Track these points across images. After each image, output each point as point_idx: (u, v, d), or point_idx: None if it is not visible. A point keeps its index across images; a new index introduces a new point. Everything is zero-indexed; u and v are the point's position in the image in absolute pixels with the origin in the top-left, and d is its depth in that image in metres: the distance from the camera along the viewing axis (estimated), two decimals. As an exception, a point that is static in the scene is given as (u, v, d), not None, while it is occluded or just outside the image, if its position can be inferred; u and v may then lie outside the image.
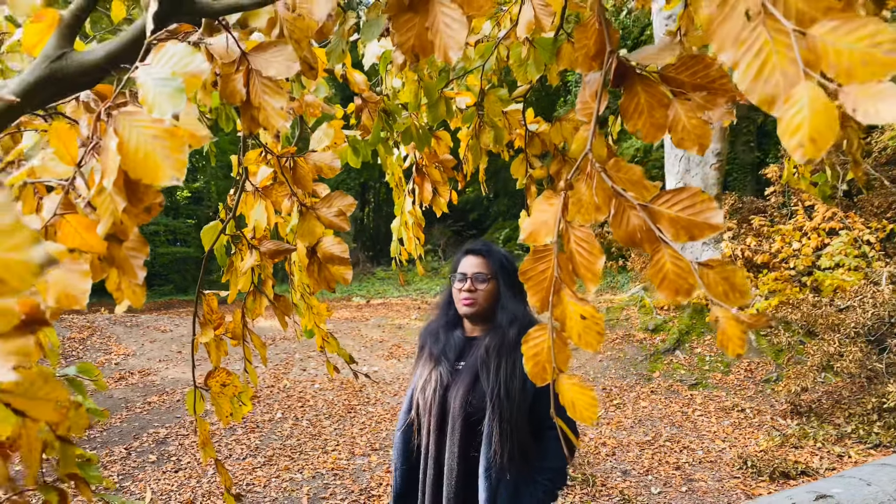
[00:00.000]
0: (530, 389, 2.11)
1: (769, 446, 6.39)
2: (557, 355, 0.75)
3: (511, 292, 2.25)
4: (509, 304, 2.24)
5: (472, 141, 1.73)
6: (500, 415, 2.07)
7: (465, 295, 2.25)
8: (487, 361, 2.15)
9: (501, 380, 2.10)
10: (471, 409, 2.14)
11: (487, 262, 2.25)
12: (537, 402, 2.13)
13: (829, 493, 2.02)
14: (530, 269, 0.76)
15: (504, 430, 2.06)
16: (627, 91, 0.72)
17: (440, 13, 0.69)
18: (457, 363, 2.27)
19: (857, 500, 1.97)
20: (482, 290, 2.25)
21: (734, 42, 0.49)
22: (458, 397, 2.17)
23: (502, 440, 2.06)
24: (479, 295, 2.25)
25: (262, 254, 1.23)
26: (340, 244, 1.11)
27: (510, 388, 2.09)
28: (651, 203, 0.68)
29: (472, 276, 2.25)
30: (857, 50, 0.43)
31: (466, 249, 2.33)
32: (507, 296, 2.25)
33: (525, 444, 2.10)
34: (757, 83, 0.46)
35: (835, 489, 2.05)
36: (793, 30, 0.45)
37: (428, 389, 2.26)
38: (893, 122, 2.47)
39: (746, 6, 0.49)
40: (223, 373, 1.41)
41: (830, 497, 2.00)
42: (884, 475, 2.11)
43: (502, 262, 2.27)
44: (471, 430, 2.15)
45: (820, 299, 7.83)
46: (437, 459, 2.21)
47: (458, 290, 2.28)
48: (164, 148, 0.54)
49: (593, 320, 0.72)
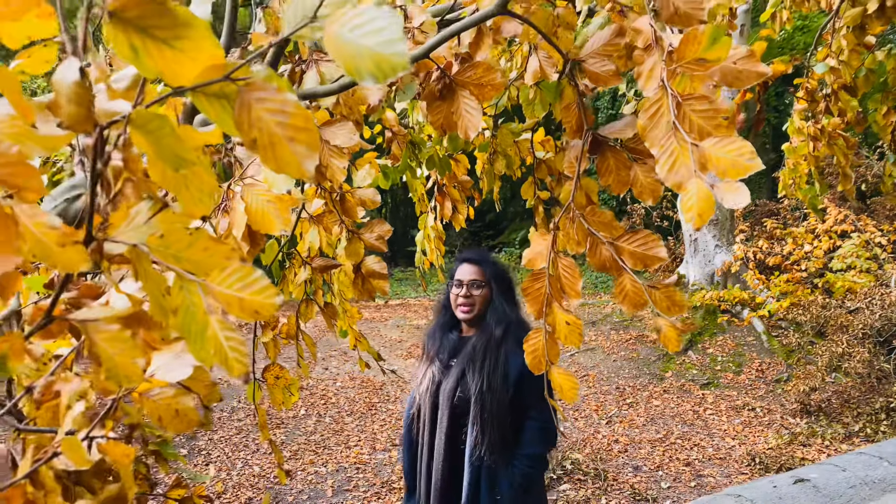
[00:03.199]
0: (512, 383, 2.39)
1: (778, 444, 6.57)
2: (549, 351, 1.00)
3: (503, 297, 2.53)
4: (500, 307, 2.51)
5: (487, 166, 1.99)
6: (483, 406, 2.36)
7: (462, 301, 2.51)
8: (474, 358, 2.44)
9: (485, 375, 2.38)
10: (457, 402, 2.43)
11: (482, 270, 2.53)
12: (518, 395, 2.41)
13: (807, 478, 2.26)
14: (529, 287, 1.01)
15: (486, 420, 2.36)
16: (600, 156, 0.98)
17: (462, 103, 0.94)
18: (450, 361, 2.55)
19: (832, 483, 2.20)
20: (477, 295, 2.51)
21: (658, 143, 0.74)
22: (446, 391, 2.46)
23: (484, 429, 2.35)
24: (475, 300, 2.51)
25: (313, 269, 1.49)
26: (380, 262, 1.38)
27: (493, 383, 2.37)
28: (616, 240, 0.93)
29: (468, 283, 2.51)
30: (728, 158, 0.68)
31: (462, 258, 2.60)
32: (500, 300, 2.52)
33: (505, 433, 2.38)
34: (670, 174, 0.71)
35: (812, 474, 2.28)
36: (691, 143, 0.70)
37: (423, 386, 2.57)
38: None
39: (666, 119, 0.74)
40: (277, 367, 1.67)
41: (808, 481, 2.23)
42: (858, 462, 2.34)
43: (495, 269, 2.55)
44: (457, 420, 2.44)
45: (829, 301, 7.98)
46: (429, 446, 2.52)
47: (455, 295, 2.54)
48: (276, 210, 0.80)
49: (575, 325, 0.98)
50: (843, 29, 2.59)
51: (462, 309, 2.52)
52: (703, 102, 0.72)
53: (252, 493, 5.71)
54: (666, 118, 0.74)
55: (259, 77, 0.45)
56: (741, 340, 9.22)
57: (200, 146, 0.47)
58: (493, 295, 2.52)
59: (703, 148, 0.69)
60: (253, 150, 0.46)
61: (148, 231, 0.53)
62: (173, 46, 0.44)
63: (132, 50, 0.45)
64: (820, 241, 9.47)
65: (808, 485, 2.18)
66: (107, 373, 0.57)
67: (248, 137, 0.46)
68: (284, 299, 1.69)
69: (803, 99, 2.71)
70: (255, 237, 0.84)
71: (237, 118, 0.45)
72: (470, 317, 2.52)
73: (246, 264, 0.51)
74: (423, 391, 2.56)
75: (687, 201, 0.68)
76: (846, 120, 2.83)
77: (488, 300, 2.53)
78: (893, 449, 2.37)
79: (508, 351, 2.41)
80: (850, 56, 2.59)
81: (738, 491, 2.22)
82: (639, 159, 0.95)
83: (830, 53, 2.58)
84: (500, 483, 2.37)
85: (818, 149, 2.78)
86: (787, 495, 2.13)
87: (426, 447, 2.54)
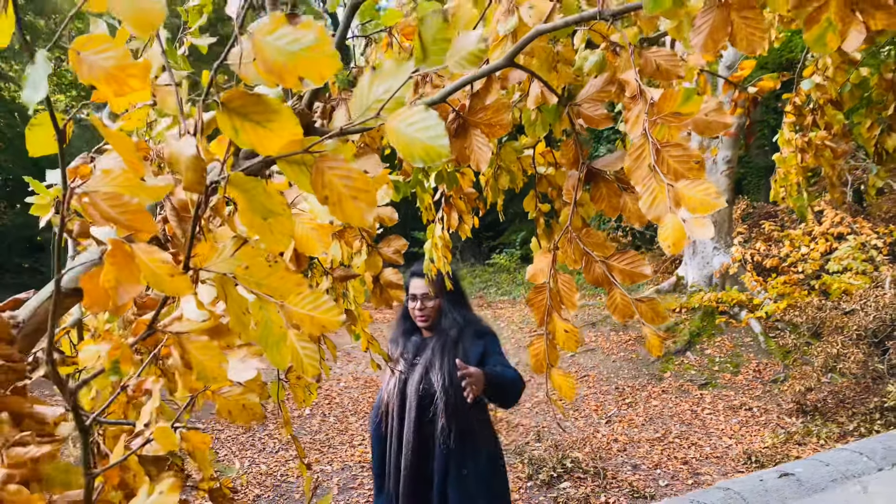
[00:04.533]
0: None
1: (774, 443, 6.71)
2: (550, 354, 1.15)
3: (454, 302, 2.88)
4: (451, 312, 2.86)
5: (491, 181, 2.13)
6: (448, 399, 2.67)
7: (418, 313, 2.87)
8: (433, 359, 2.77)
9: (446, 371, 2.71)
10: (422, 394, 2.74)
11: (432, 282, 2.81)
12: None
13: (792, 472, 2.40)
14: (533, 298, 1.16)
15: (451, 411, 2.66)
16: (594, 185, 1.12)
17: (475, 140, 1.09)
18: (414, 359, 2.87)
19: (816, 477, 2.35)
20: (430, 306, 2.87)
21: (641, 182, 0.89)
22: (412, 385, 2.77)
23: (450, 419, 2.66)
24: (429, 310, 2.86)
25: (334, 278, 1.64)
26: (397, 274, 1.53)
27: (454, 378, 2.66)
28: (608, 259, 1.07)
29: (422, 296, 2.86)
30: (698, 197, 0.82)
31: (414, 272, 2.93)
32: (450, 305, 2.87)
33: (469, 421, 2.71)
34: (650, 209, 0.86)
35: (797, 469, 2.43)
36: (667, 183, 0.84)
37: (391, 383, 2.87)
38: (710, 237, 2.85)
39: (648, 162, 0.88)
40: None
41: (792, 475, 2.38)
42: (840, 458, 2.49)
43: (443, 279, 2.80)
44: (423, 411, 2.73)
45: (825, 303, 8.12)
46: (398, 436, 2.78)
47: (411, 308, 2.89)
48: (318, 236, 0.94)
49: (573, 332, 1.12)
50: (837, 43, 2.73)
51: (419, 319, 2.88)
52: (679, 149, 0.86)
53: (260, 490, 5.85)
54: (647, 161, 0.88)
55: (330, 149, 0.59)
56: (739, 341, 9.36)
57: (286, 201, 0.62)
58: (445, 302, 2.87)
59: (678, 188, 0.84)
60: (324, 204, 0.60)
61: (235, 263, 0.68)
62: (265, 126, 0.59)
63: (233, 130, 0.59)
64: (817, 243, 9.61)
65: (792, 478, 2.33)
66: (198, 374, 0.71)
67: (320, 195, 0.60)
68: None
69: (791, 113, 2.85)
70: (301, 258, 0.98)
71: (313, 180, 0.59)
72: (427, 324, 2.88)
73: (315, 290, 0.65)
74: (391, 388, 2.85)
75: (664, 232, 0.83)
76: (833, 132, 2.98)
77: (441, 307, 2.87)
78: (874, 445, 2.51)
79: (467, 346, 2.76)
80: (836, 73, 2.73)
81: (727, 485, 2.37)
82: (628, 188, 1.10)
83: (816, 70, 2.72)
84: (467, 464, 2.65)
85: (805, 160, 2.92)
86: (772, 488, 2.27)
87: (395, 439, 2.79)
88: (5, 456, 0.78)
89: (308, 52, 0.52)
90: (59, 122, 0.65)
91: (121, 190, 0.65)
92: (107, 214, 0.64)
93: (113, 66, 0.60)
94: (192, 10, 1.91)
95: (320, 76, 0.53)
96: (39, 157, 0.73)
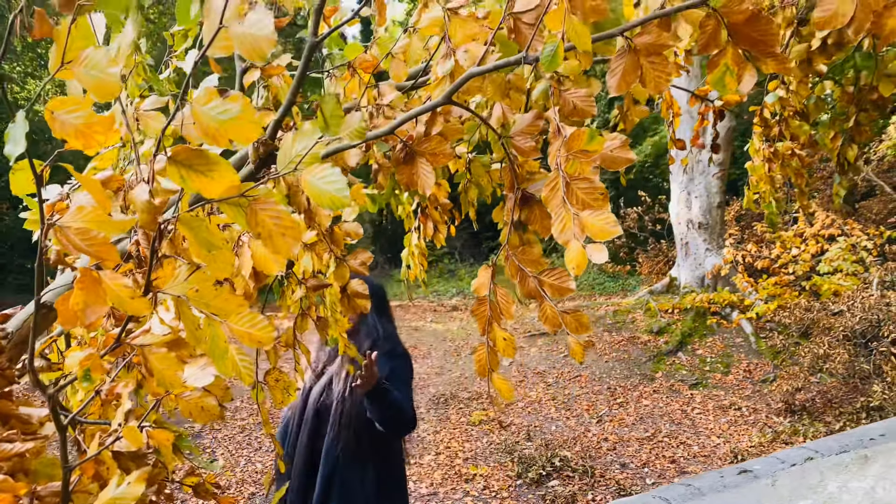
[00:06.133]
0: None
1: (761, 442, 6.83)
2: (490, 360, 1.26)
3: (375, 313, 2.81)
4: (371, 322, 2.83)
5: (462, 195, 2.26)
6: (342, 410, 2.68)
7: None
8: (339, 370, 2.77)
9: (348, 382, 2.69)
10: (320, 406, 2.76)
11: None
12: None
13: (750, 469, 2.52)
14: (476, 309, 1.28)
15: (343, 423, 2.68)
16: (528, 208, 1.24)
17: (421, 167, 1.21)
18: (323, 369, 2.88)
19: (771, 473, 2.47)
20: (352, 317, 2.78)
21: (555, 210, 1.01)
22: (313, 396, 2.80)
23: (340, 431, 2.67)
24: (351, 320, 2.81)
25: (307, 288, 1.76)
26: (362, 284, 1.65)
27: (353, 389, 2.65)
28: (540, 275, 1.19)
29: None
30: (598, 225, 0.94)
31: None
32: (372, 316, 2.82)
33: (361, 435, 2.68)
34: (561, 234, 0.98)
35: (756, 466, 2.55)
36: (574, 213, 0.96)
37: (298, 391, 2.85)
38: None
39: (560, 196, 1.00)
40: (277, 371, 1.94)
41: (751, 472, 2.50)
42: (798, 455, 2.61)
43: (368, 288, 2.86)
44: (320, 423, 2.76)
45: (813, 304, 8.23)
46: (294, 446, 2.82)
47: None
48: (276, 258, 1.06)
49: (510, 340, 1.24)
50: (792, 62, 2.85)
51: None
52: (586, 182, 0.98)
53: (255, 488, 5.97)
54: (560, 192, 1.00)
55: (262, 194, 0.71)
56: (730, 342, 9.48)
57: (225, 236, 0.74)
58: (370, 315, 2.82)
59: (583, 217, 0.96)
60: (258, 239, 0.72)
61: (187, 286, 0.80)
62: (207, 175, 0.71)
63: (181, 178, 0.71)
64: (807, 244, 9.72)
65: (750, 475, 2.45)
66: (157, 381, 0.83)
67: (254, 231, 0.72)
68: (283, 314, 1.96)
69: (758, 125, 2.97)
70: (259, 275, 1.10)
71: (248, 219, 0.71)
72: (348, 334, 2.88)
73: (253, 310, 0.77)
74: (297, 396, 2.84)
75: (569, 254, 0.95)
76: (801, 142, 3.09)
77: (362, 316, 2.82)
78: (831, 444, 2.64)
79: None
80: (799, 87, 2.85)
81: (689, 481, 2.49)
82: (558, 211, 1.22)
83: (780, 86, 2.83)
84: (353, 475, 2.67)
85: (773, 169, 3.04)
86: (731, 484, 2.39)
87: (292, 447, 2.83)
88: (-7, 451, 0.90)
89: (234, 121, 0.63)
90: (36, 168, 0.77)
91: (89, 225, 0.77)
92: (78, 246, 0.76)
93: (81, 123, 0.72)
94: (177, 34, 2.03)
95: (246, 139, 0.65)
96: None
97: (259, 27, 0.64)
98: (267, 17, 0.64)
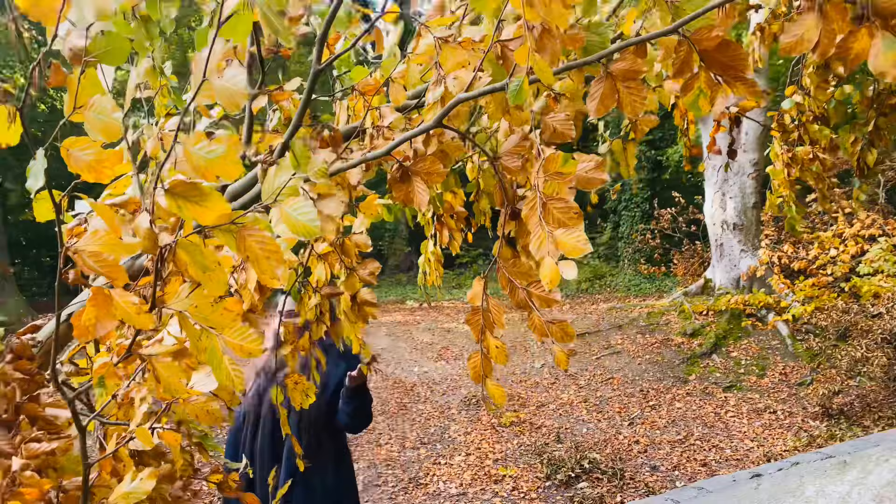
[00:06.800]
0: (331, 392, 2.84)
1: (795, 446, 6.74)
2: (484, 366, 1.34)
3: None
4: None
5: (475, 205, 2.33)
6: (301, 415, 2.75)
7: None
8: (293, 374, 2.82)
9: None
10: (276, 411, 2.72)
11: None
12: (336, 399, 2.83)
13: (762, 473, 2.54)
14: (470, 318, 1.35)
15: (303, 426, 2.77)
16: (518, 222, 1.31)
17: (416, 186, 1.29)
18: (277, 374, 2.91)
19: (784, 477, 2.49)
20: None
21: (533, 228, 1.07)
22: (267, 400, 2.84)
23: (301, 434, 2.74)
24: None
25: (322, 296, 1.85)
26: (371, 293, 1.74)
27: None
28: (528, 286, 1.26)
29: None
30: (571, 243, 1.00)
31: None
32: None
33: (321, 438, 2.80)
34: (538, 251, 1.04)
35: (769, 470, 2.57)
36: (549, 231, 1.03)
37: (249, 395, 2.94)
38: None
39: (537, 215, 1.07)
40: (296, 375, 2.03)
41: (763, 476, 2.52)
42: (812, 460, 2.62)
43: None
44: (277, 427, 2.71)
45: (851, 306, 8.07)
46: (251, 448, 2.89)
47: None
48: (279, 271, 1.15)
49: (502, 349, 1.31)
50: (810, 67, 2.86)
51: None
52: (562, 202, 1.04)
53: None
54: (538, 211, 1.07)
55: (249, 221, 0.80)
56: (765, 344, 9.35)
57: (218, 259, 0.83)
58: None
59: (557, 235, 1.02)
60: (246, 262, 0.81)
61: (188, 302, 0.89)
62: (201, 205, 0.80)
63: (178, 207, 0.80)
64: (846, 245, 9.53)
65: (763, 479, 2.47)
66: (164, 388, 0.93)
67: (242, 255, 0.80)
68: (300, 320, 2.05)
69: (776, 130, 2.97)
70: (263, 289, 1.20)
71: (237, 244, 0.80)
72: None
73: (245, 324, 0.86)
74: (248, 400, 2.93)
75: (543, 270, 1.02)
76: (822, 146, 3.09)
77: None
78: (846, 448, 2.64)
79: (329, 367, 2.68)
80: (817, 91, 2.85)
81: (701, 484, 2.52)
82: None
83: (797, 91, 2.84)
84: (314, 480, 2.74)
85: (792, 174, 3.04)
86: (742, 487, 2.42)
87: (248, 451, 2.89)
88: (23, 450, 1.00)
89: (219, 160, 0.72)
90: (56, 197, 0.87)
91: (101, 249, 0.86)
92: (91, 267, 0.85)
93: (92, 159, 0.82)
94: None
95: (229, 176, 0.73)
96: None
97: (234, 81, 0.73)
98: (240, 72, 0.72)
